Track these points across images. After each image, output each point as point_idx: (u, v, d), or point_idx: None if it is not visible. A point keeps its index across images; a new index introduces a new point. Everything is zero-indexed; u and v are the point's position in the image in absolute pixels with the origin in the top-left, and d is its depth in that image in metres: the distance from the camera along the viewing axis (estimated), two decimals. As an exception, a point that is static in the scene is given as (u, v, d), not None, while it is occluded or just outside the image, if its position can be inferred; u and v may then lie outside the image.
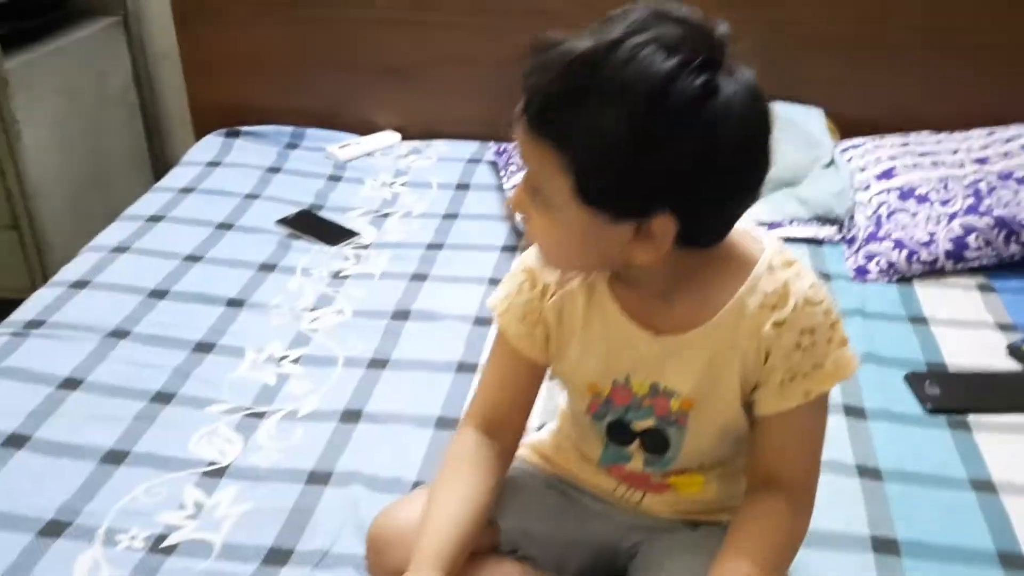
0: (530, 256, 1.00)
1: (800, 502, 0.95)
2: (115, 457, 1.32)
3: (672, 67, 0.77)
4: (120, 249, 1.85)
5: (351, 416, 1.41)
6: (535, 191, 0.85)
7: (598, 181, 0.80)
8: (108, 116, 2.38)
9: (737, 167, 0.82)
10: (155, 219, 1.97)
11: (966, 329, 1.61)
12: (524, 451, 1.14)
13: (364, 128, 2.37)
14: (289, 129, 2.36)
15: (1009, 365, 1.51)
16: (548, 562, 1.04)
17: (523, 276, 1.00)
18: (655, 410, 0.97)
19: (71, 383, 1.46)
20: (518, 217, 0.94)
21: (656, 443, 0.98)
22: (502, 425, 1.04)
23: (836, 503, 1.22)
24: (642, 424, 0.98)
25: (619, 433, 1.00)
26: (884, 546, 1.16)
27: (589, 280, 0.96)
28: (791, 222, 1.92)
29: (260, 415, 1.41)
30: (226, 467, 1.31)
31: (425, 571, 0.90)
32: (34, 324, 1.60)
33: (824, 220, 1.92)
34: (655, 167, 0.79)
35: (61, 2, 2.29)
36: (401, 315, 1.66)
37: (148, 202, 2.04)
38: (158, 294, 1.71)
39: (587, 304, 0.96)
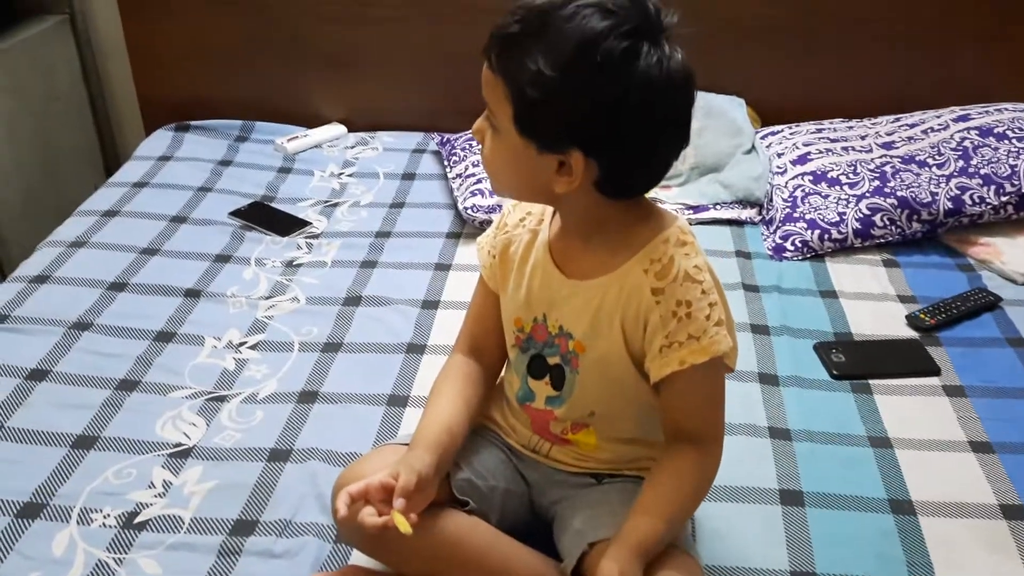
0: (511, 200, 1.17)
1: (708, 451, 1.08)
2: (85, 442, 1.40)
3: (603, 28, 0.91)
4: (77, 244, 1.91)
5: (308, 397, 1.51)
6: (489, 119, 1.00)
7: (530, 113, 0.95)
8: (58, 113, 2.43)
9: (646, 130, 0.96)
10: (110, 214, 2.03)
11: (871, 301, 1.76)
12: None
13: (311, 120, 2.44)
14: (238, 123, 2.42)
15: (908, 333, 1.67)
16: (494, 511, 1.16)
17: (499, 217, 1.18)
18: (560, 348, 1.11)
19: (38, 374, 1.54)
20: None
21: (558, 379, 1.12)
22: (483, 350, 1.22)
23: (749, 461, 1.36)
24: (552, 359, 1.12)
25: (537, 367, 1.14)
26: (790, 498, 1.30)
27: (539, 224, 1.12)
28: (715, 205, 2.05)
29: (221, 399, 1.51)
30: (191, 448, 1.40)
31: (420, 450, 1.08)
32: (-2, 319, 1.67)
33: (745, 203, 2.06)
34: (573, 109, 0.93)
35: (7, 2, 2.33)
36: (353, 301, 1.76)
37: (102, 197, 2.10)
38: (117, 286, 1.78)
39: (529, 243, 1.12)
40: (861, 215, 1.90)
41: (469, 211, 1.96)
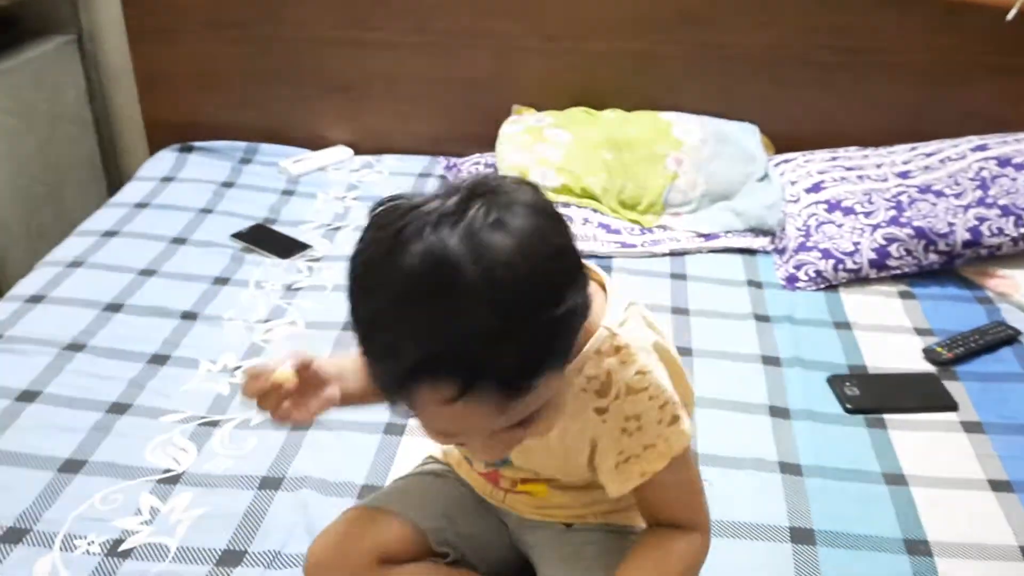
0: None
1: (696, 532, 0.99)
2: (72, 466, 1.36)
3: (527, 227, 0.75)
4: (75, 264, 1.88)
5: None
6: (526, 419, 0.81)
7: (566, 345, 0.80)
8: (62, 133, 2.41)
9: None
10: (110, 234, 2.00)
11: (887, 334, 1.71)
12: (437, 453, 1.21)
13: (316, 144, 2.42)
14: (242, 144, 2.40)
15: (924, 367, 1.61)
16: (478, 559, 1.11)
17: None
18: None
19: (28, 395, 1.50)
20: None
21: None
22: None
23: (758, 497, 1.31)
24: None
25: None
26: (801, 536, 1.25)
27: None
28: (726, 233, 2.01)
29: (214, 424, 1.47)
30: (181, 474, 1.36)
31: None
32: (-9, 338, 1.64)
33: (757, 231, 2.01)
34: (567, 309, 0.77)
35: (15, 21, 2.32)
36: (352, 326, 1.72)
37: (102, 217, 2.08)
38: (113, 308, 1.75)
39: None
40: (876, 245, 1.85)
41: (474, 236, 1.92)
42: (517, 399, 0.76)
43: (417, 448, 1.38)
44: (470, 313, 0.71)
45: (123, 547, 1.23)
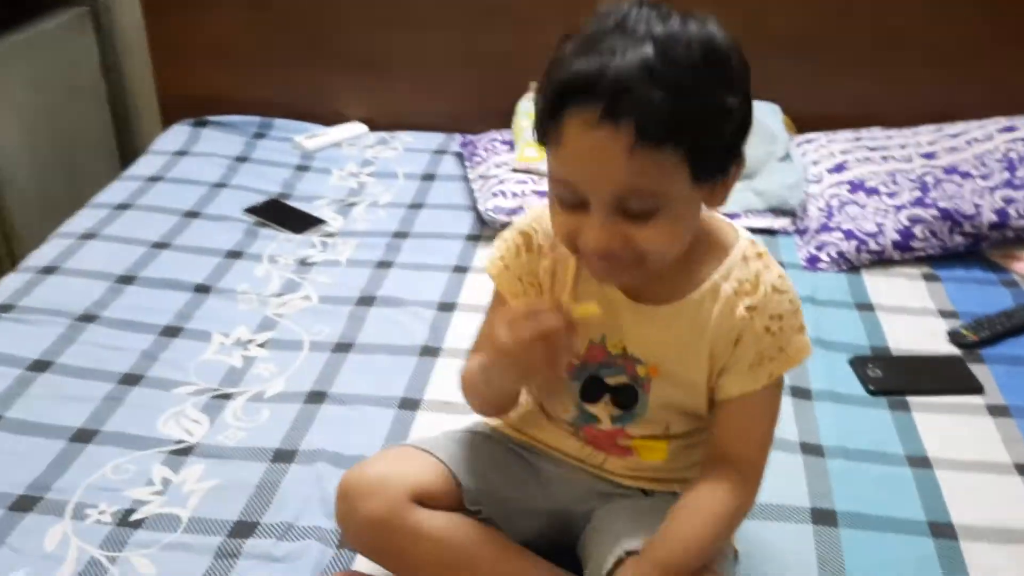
0: (523, 221, 1.05)
1: (750, 478, 1.01)
2: (84, 436, 1.35)
3: (725, 37, 0.85)
4: (88, 236, 1.87)
5: (316, 397, 1.45)
6: (647, 208, 0.85)
7: (711, 155, 0.85)
8: (76, 106, 2.40)
9: (750, 115, 0.89)
10: (123, 207, 1.99)
11: (910, 316, 1.68)
12: (492, 421, 1.19)
13: (331, 119, 2.40)
14: (257, 119, 2.38)
15: (949, 350, 1.58)
16: (508, 524, 1.09)
17: (519, 239, 1.04)
18: (626, 369, 1.02)
19: (40, 365, 1.49)
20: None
21: (627, 398, 1.03)
22: None
23: (779, 478, 1.27)
24: (615, 380, 1.03)
25: (592, 390, 1.04)
26: (823, 517, 1.22)
27: None
28: (747, 213, 1.98)
29: (227, 396, 1.45)
30: (193, 446, 1.34)
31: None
32: (3, 308, 1.62)
33: (778, 211, 1.98)
34: (746, 117, 0.87)
35: (29, -8, 2.31)
36: (367, 301, 1.70)
37: (116, 190, 2.06)
38: (126, 280, 1.73)
39: (577, 266, 0.98)
40: (900, 226, 1.82)
41: (490, 212, 1.90)
42: (651, 150, 0.81)
43: (432, 423, 1.37)
44: (639, 48, 0.81)
45: (134, 517, 1.21)
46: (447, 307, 1.68)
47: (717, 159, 0.87)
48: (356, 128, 2.38)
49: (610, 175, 0.84)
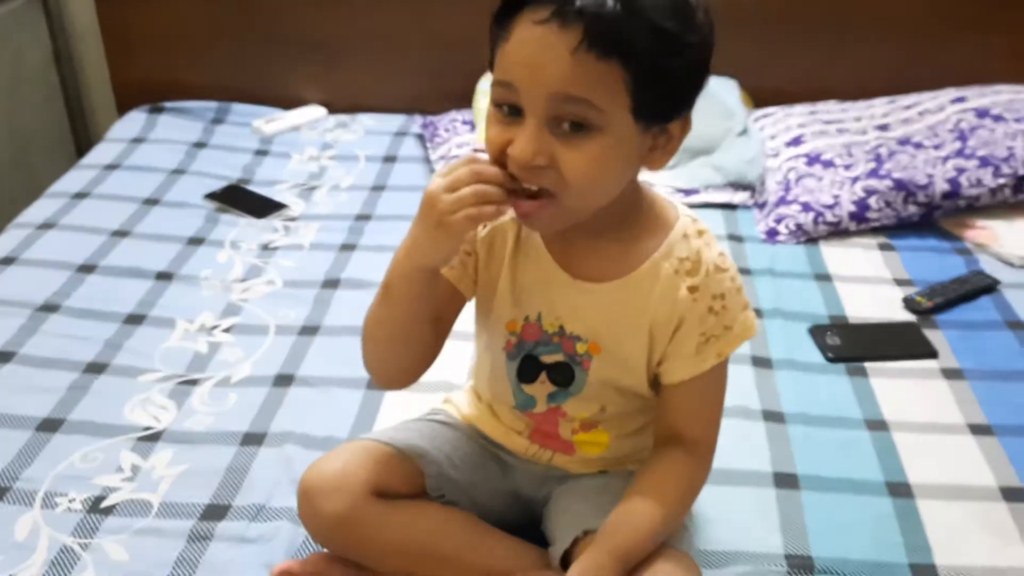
0: None
1: (703, 457, 1.03)
2: (50, 425, 1.34)
3: None
4: (46, 226, 1.85)
5: (284, 380, 1.45)
6: (580, 122, 0.84)
7: (657, 88, 0.84)
8: (27, 95, 2.35)
9: (705, 71, 0.89)
10: (80, 196, 1.97)
11: (867, 285, 1.72)
12: (447, 405, 1.20)
13: (289, 103, 2.38)
14: (214, 104, 2.36)
15: (904, 317, 1.62)
16: (472, 507, 1.10)
17: None
18: (562, 347, 1.02)
19: (3, 356, 1.47)
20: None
21: (563, 375, 1.03)
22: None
23: (742, 444, 1.31)
24: (550, 357, 1.03)
25: (527, 369, 1.05)
26: (785, 481, 1.25)
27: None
28: (706, 188, 2.00)
29: (193, 382, 1.45)
30: (161, 432, 1.34)
31: None
32: (-39, 300, 1.60)
33: (737, 186, 2.01)
34: (701, 63, 0.86)
35: (-25, -20, 2.26)
36: (331, 284, 1.70)
37: (73, 179, 2.04)
38: (86, 269, 1.72)
39: (516, 240, 1.00)
40: (856, 197, 1.85)
41: (452, 193, 1.90)
42: (594, 59, 0.80)
43: (400, 404, 1.37)
44: None
45: (105, 503, 1.21)
46: (412, 288, 1.69)
47: (661, 99, 0.85)
48: (315, 111, 2.37)
49: (549, 74, 0.82)
